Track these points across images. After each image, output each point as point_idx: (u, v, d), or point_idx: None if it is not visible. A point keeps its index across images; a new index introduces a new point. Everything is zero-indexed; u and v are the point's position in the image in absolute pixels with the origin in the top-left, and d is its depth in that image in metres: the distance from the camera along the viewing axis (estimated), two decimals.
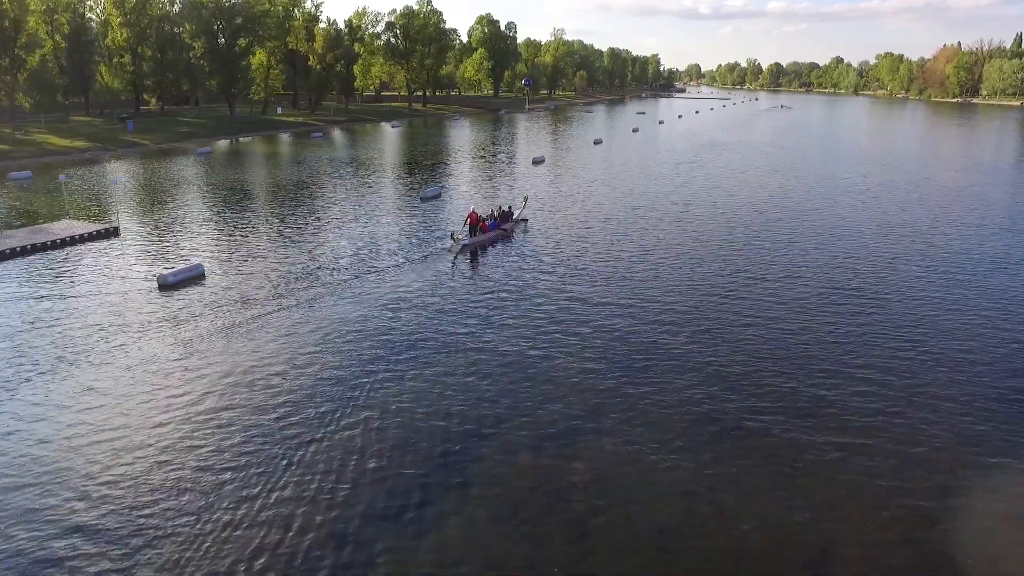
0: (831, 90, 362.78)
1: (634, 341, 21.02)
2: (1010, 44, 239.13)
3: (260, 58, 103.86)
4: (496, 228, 34.21)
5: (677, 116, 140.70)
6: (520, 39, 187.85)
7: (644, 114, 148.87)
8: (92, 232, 32.20)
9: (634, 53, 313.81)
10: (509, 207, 37.64)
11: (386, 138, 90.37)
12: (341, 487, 13.55)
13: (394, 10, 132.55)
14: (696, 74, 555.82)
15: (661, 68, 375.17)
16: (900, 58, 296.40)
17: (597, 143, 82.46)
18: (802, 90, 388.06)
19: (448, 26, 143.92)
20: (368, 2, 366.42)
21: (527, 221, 37.64)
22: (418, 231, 34.91)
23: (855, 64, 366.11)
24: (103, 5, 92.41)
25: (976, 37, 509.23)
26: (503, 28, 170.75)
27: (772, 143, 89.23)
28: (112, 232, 32.85)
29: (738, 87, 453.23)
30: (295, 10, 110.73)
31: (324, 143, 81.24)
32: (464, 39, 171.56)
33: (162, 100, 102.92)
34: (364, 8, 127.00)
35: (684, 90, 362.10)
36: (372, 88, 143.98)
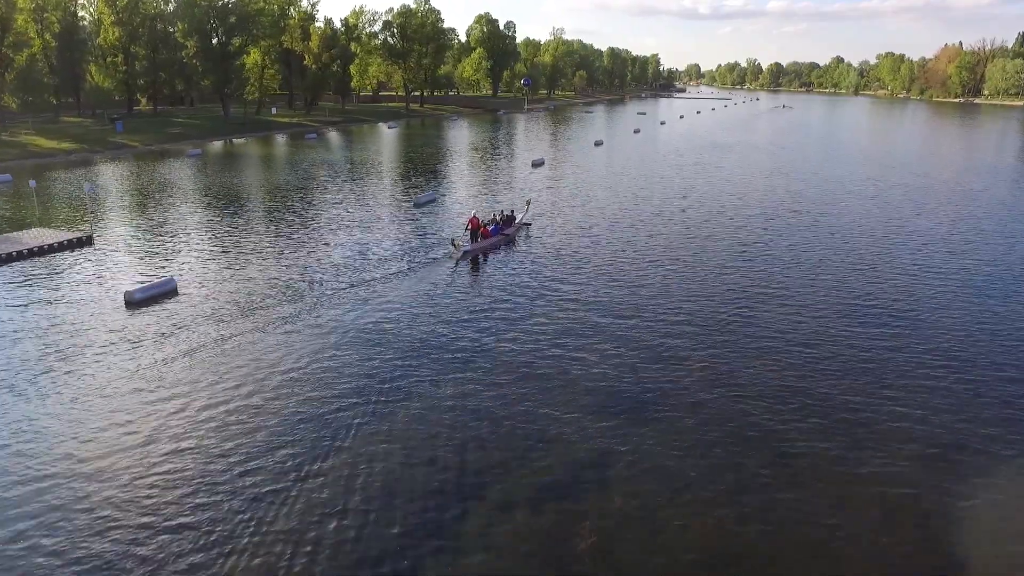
0: (831, 90, 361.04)
1: (646, 355, 19.53)
2: (1012, 44, 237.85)
3: (255, 58, 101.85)
4: (498, 233, 32.75)
5: (678, 116, 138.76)
6: (519, 39, 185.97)
7: (645, 114, 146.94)
8: (63, 242, 30.21)
9: (634, 53, 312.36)
10: (511, 211, 36.03)
11: (382, 139, 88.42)
12: (314, 557, 11.64)
13: (391, 9, 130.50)
14: (696, 74, 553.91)
15: (661, 68, 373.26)
16: (901, 58, 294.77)
17: (598, 144, 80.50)
18: (802, 90, 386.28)
19: (446, 25, 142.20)
20: (365, 1, 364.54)
21: (530, 226, 35.98)
22: (409, 240, 32.92)
23: (855, 64, 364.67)
24: (95, 3, 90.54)
25: (976, 37, 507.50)
26: (502, 27, 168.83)
27: (777, 144, 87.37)
28: (85, 242, 30.86)
29: (738, 87, 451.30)
30: (291, 9, 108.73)
31: (318, 144, 79.26)
32: (463, 38, 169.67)
33: (155, 100, 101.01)
34: (361, 7, 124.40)
35: (684, 90, 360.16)
36: (369, 88, 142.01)
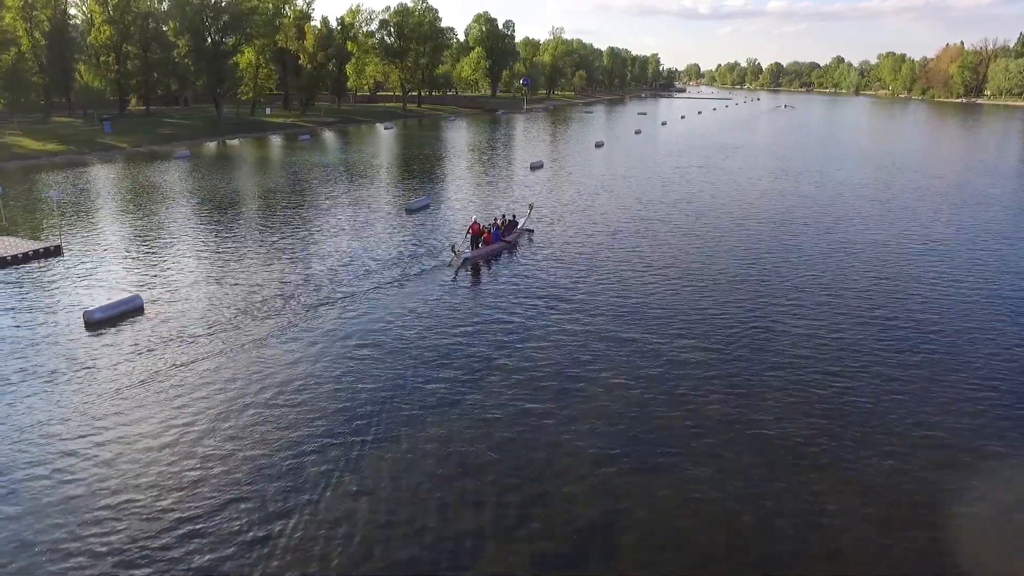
0: (832, 90, 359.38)
1: (660, 371, 18.11)
2: (1014, 44, 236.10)
3: (249, 57, 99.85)
4: (500, 240, 31.21)
5: (680, 117, 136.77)
6: (518, 38, 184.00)
7: (645, 115, 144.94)
8: (29, 252, 28.18)
9: (633, 53, 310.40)
10: (513, 216, 34.34)
11: (377, 141, 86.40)
12: None
13: (388, 7, 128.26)
14: (696, 74, 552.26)
15: (661, 68, 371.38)
16: (902, 58, 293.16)
17: (599, 146, 78.51)
18: (802, 90, 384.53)
19: (444, 24, 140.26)
20: (362, 0, 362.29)
21: (532, 232, 34.28)
22: (400, 249, 30.94)
23: (855, 64, 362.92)
24: (87, 1, 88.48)
25: (976, 37, 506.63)
26: (501, 27, 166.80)
27: (782, 145, 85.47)
28: (53, 252, 28.85)
29: (738, 87, 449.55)
30: (286, 8, 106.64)
31: (311, 146, 77.24)
32: (461, 38, 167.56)
33: (147, 100, 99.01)
34: (358, 5, 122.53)
35: (684, 90, 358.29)
36: (366, 88, 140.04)
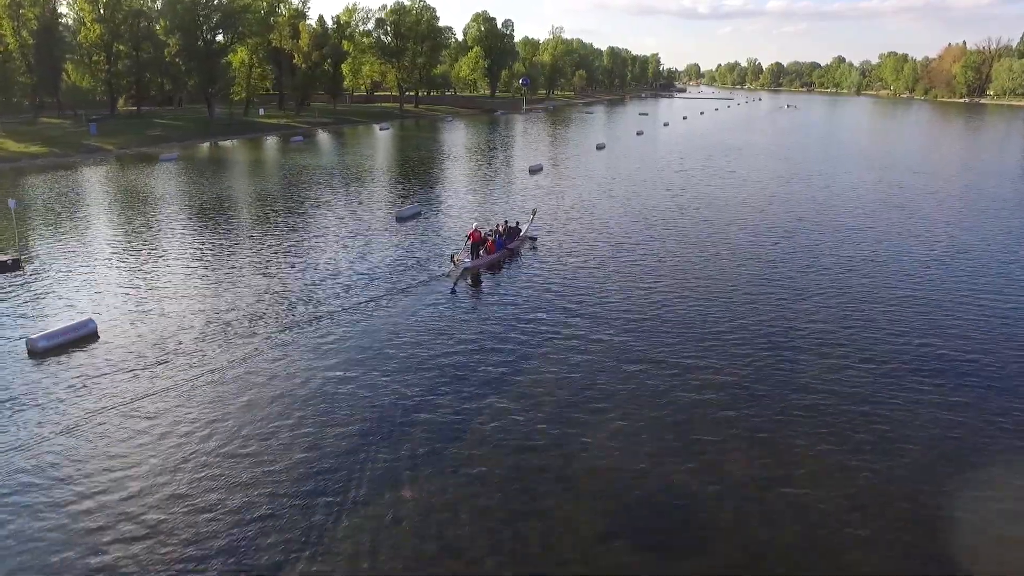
0: (833, 90, 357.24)
1: (676, 392, 16.19)
2: (1016, 43, 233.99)
3: (241, 56, 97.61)
4: (503, 248, 29.18)
5: (681, 117, 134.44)
6: (517, 38, 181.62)
7: (647, 115, 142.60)
8: None
9: (633, 53, 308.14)
10: (516, 222, 32.25)
11: (372, 142, 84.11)
12: None
13: (384, 6, 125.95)
14: (696, 74, 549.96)
15: (661, 68, 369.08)
16: (904, 57, 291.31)
17: (600, 148, 76.14)
18: (803, 90, 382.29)
19: (442, 24, 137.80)
20: None
21: (535, 239, 32.17)
22: (388, 260, 28.68)
23: (856, 64, 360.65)
24: (77, 0, 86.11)
25: (975, 37, 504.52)
26: (500, 26, 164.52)
27: (788, 146, 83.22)
28: (11, 266, 26.38)
29: (738, 87, 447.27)
30: (280, 6, 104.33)
31: (304, 148, 74.90)
32: (459, 37, 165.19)
33: (138, 101, 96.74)
34: (354, 4, 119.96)
35: (685, 90, 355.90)
36: (363, 88, 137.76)
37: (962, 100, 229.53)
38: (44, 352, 18.26)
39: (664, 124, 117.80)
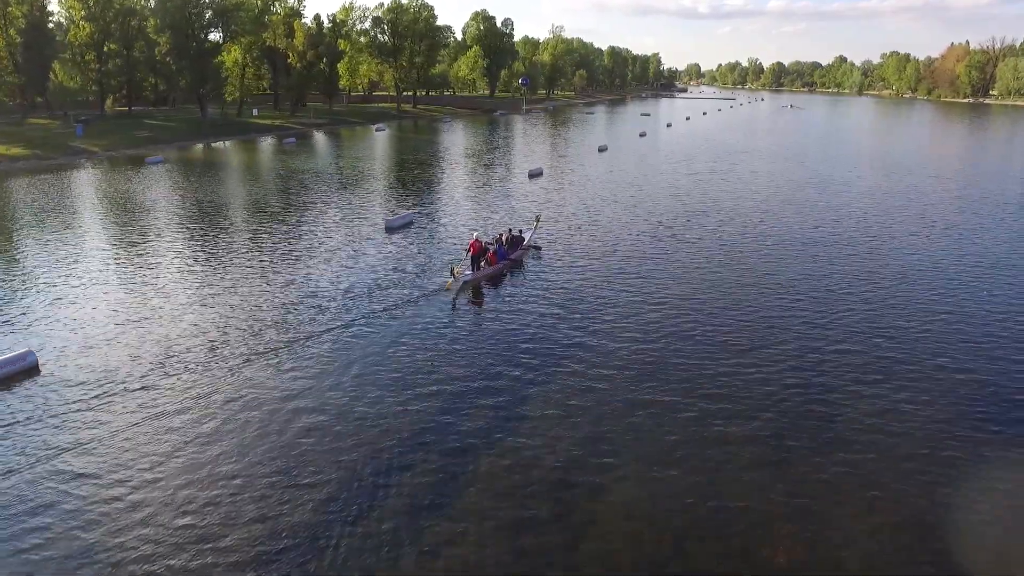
0: (834, 90, 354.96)
1: (692, 420, 14.18)
2: (1020, 42, 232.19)
3: (235, 55, 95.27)
4: (505, 258, 27.21)
5: (684, 118, 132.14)
6: (517, 37, 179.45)
7: (649, 116, 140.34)
8: None
9: (634, 52, 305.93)
10: (520, 231, 30.23)
11: (367, 144, 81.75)
12: None
13: (381, 4, 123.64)
14: (696, 74, 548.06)
15: (661, 68, 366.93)
16: (907, 57, 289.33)
17: (602, 150, 73.76)
18: (804, 90, 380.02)
19: (441, 23, 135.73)
20: None
21: (539, 248, 30.22)
22: (376, 274, 26.35)
23: (857, 64, 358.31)
24: None
25: (975, 37, 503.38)
26: (499, 25, 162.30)
27: (795, 148, 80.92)
28: None
29: (739, 87, 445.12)
30: (275, 4, 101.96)
31: (297, 150, 72.54)
32: (458, 36, 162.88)
33: (129, 101, 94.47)
34: (351, 3, 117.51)
35: (686, 90, 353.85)
36: (361, 88, 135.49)
37: (966, 100, 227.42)
38: None
39: (667, 125, 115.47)
